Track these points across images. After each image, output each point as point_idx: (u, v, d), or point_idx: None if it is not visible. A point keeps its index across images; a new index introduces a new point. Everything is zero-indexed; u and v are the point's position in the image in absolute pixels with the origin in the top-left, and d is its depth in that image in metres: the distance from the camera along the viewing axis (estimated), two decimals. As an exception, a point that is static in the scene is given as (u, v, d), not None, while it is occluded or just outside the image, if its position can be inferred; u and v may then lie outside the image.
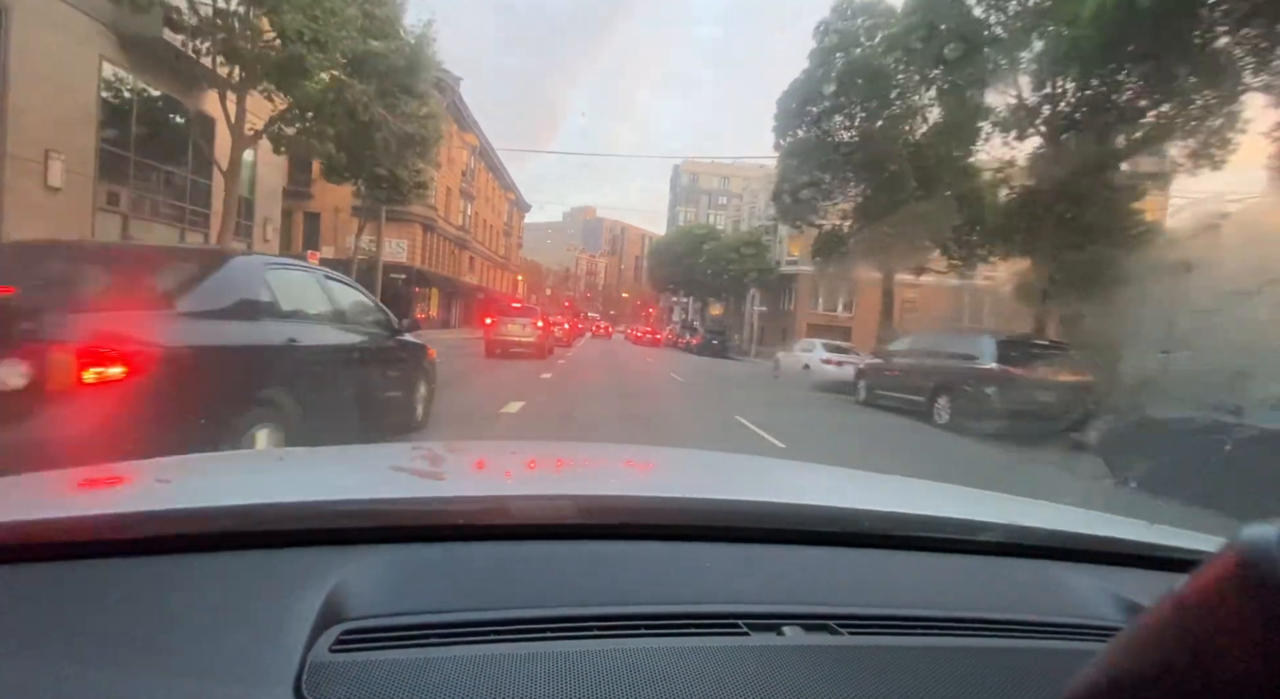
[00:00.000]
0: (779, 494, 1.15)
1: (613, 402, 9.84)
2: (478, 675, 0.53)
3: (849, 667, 0.61)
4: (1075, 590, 0.83)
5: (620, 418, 7.95)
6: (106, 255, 3.83)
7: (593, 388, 12.06)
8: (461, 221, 41.30)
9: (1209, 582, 0.29)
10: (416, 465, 1.15)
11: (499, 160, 49.37)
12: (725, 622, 0.65)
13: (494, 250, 52.64)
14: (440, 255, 38.13)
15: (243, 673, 0.52)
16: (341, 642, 0.56)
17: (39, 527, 0.67)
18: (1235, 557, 0.28)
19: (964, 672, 0.62)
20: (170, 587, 0.63)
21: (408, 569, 0.70)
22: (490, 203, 49.73)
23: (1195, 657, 0.29)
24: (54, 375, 2.27)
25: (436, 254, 37.25)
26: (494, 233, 52.69)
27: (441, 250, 38.31)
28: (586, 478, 1.31)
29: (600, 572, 0.75)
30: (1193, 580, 0.30)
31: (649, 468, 1.52)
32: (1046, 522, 1.04)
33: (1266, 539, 0.28)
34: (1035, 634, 0.71)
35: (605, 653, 0.58)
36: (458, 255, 42.30)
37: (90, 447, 2.14)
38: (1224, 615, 0.28)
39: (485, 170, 46.56)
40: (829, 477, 1.59)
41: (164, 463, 1.15)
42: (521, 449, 1.67)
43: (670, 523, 0.85)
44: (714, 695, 0.55)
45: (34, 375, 2.24)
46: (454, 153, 37.66)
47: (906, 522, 0.93)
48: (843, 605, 0.71)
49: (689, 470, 1.52)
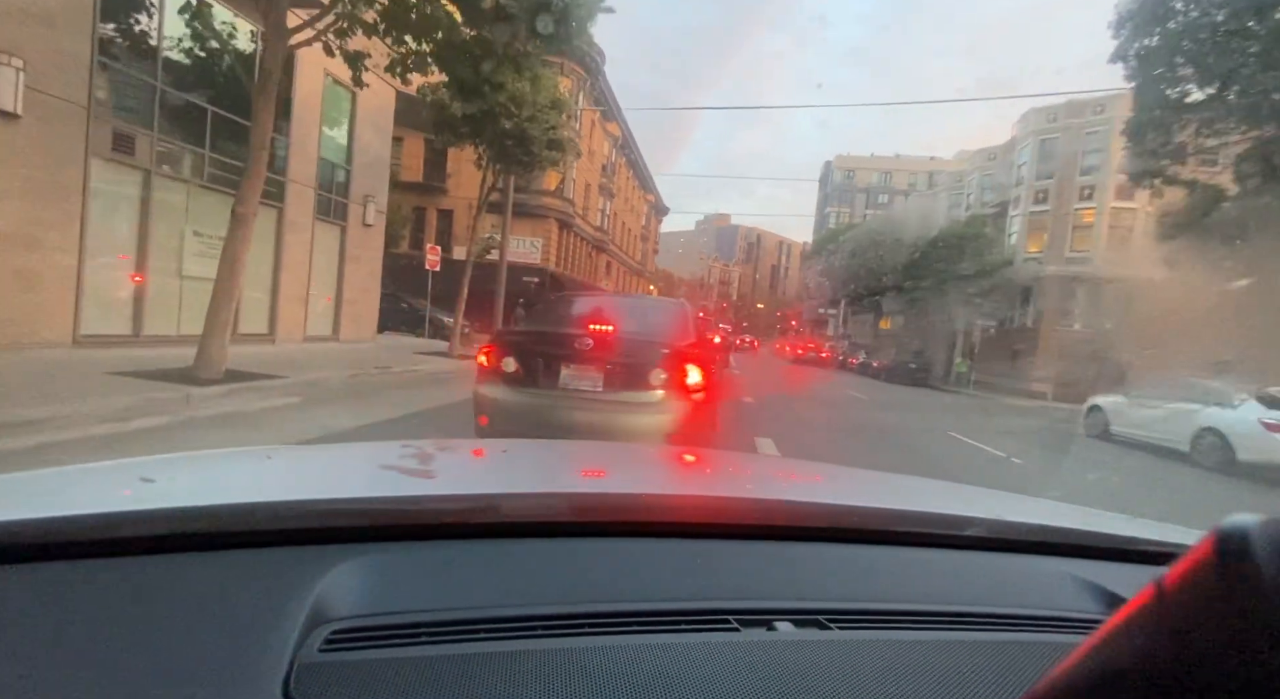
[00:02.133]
0: (769, 491, 1.20)
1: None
2: (469, 674, 0.53)
3: (839, 661, 0.61)
4: (1058, 584, 0.84)
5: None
6: (624, 303, 5.62)
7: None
8: (600, 221, 37.25)
9: (1188, 572, 0.30)
10: (406, 464, 1.12)
11: (641, 156, 45.06)
12: (716, 618, 0.66)
13: (630, 255, 48.44)
14: (577, 258, 34.20)
15: (231, 674, 0.51)
16: (330, 641, 0.56)
17: (19, 527, 0.65)
18: (1214, 547, 0.29)
19: (951, 664, 0.62)
20: (156, 587, 0.61)
21: (397, 568, 0.69)
22: (629, 203, 45.60)
23: (1175, 646, 0.29)
24: (681, 390, 3.70)
25: (573, 256, 33.32)
26: (631, 237, 48.56)
27: (578, 252, 34.37)
28: (577, 476, 1.28)
29: (591, 569, 0.74)
30: (1172, 572, 0.31)
31: (640, 466, 1.49)
32: (1030, 516, 1.06)
33: (1244, 529, 0.28)
34: (1020, 627, 0.72)
35: (596, 650, 0.58)
36: (594, 258, 38.36)
37: (696, 437, 3.64)
38: (1203, 606, 0.29)
39: (625, 167, 42.44)
40: (818, 473, 1.66)
41: (149, 462, 1.14)
42: (513, 447, 1.67)
43: (660, 520, 0.85)
44: (705, 691, 0.54)
45: (669, 390, 3.70)
46: (595, 143, 33.72)
47: (893, 517, 0.95)
48: (832, 600, 0.72)
49: (679, 468, 1.52)
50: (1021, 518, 1.02)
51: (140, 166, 8.63)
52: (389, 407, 7.03)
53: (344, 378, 8.51)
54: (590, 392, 3.71)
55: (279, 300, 11.55)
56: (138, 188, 8.70)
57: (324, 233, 12.77)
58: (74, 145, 7.71)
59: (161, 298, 9.08)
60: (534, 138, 12.51)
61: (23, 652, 0.51)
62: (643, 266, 55.14)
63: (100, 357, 7.60)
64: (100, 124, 8.00)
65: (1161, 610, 0.30)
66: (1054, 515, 1.10)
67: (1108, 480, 7.60)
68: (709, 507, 0.92)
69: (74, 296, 7.91)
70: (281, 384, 7.33)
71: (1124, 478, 7.99)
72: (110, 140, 8.16)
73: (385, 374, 9.49)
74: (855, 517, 0.92)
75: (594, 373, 3.73)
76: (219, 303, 7.01)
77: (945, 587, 0.81)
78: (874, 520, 0.92)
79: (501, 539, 0.77)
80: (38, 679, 0.49)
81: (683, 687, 0.54)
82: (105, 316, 8.42)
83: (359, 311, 14.17)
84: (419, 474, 1.10)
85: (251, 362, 8.57)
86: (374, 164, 14.27)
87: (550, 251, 29.60)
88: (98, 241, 8.18)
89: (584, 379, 3.74)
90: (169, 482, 0.95)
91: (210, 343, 6.96)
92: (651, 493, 1.00)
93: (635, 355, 3.77)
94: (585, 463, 1.43)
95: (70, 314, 7.90)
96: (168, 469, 1.06)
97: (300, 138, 11.69)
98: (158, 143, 8.83)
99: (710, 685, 0.55)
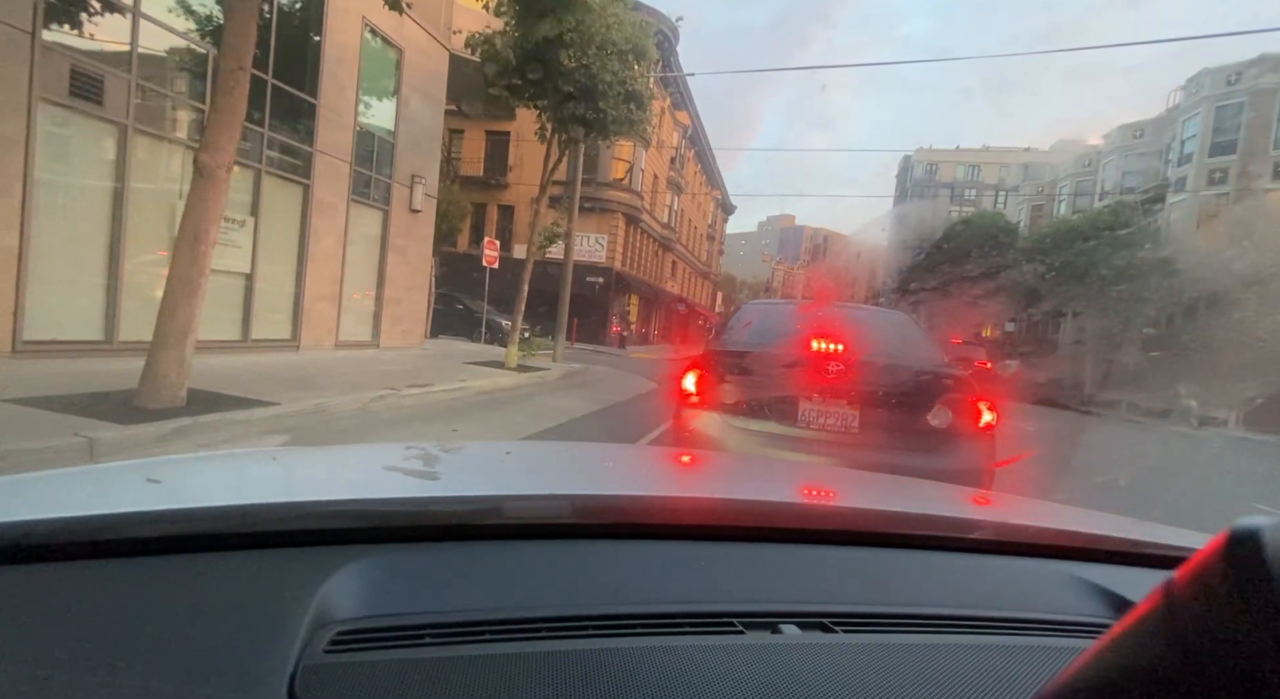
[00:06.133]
0: (772, 493, 1.15)
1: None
2: (473, 676, 0.53)
3: (844, 664, 0.61)
4: (1065, 587, 0.84)
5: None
6: (849, 316, 4.08)
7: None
8: (667, 217, 34.66)
9: (1198, 575, 0.29)
10: (411, 465, 1.09)
11: (709, 149, 42.23)
12: (721, 620, 0.66)
13: (696, 255, 45.64)
14: (643, 257, 31.72)
15: (236, 675, 0.51)
16: (335, 642, 0.56)
17: (26, 528, 0.64)
18: (1224, 550, 0.28)
19: (957, 668, 0.62)
20: (161, 588, 0.61)
21: (402, 569, 0.69)
22: (696, 200, 42.79)
23: (1185, 649, 0.29)
24: (968, 420, 2.99)
25: (639, 255, 30.85)
26: (698, 235, 45.77)
27: (644, 250, 31.88)
28: (581, 478, 1.24)
29: (596, 571, 0.74)
30: (1181, 575, 0.30)
31: (644, 468, 1.49)
32: (1036, 519, 1.08)
33: (1256, 532, 0.27)
34: (1027, 631, 0.71)
35: (601, 652, 0.58)
36: (661, 258, 35.79)
37: (978, 477, 2.83)
38: (1213, 609, 0.28)
39: (694, 159, 39.70)
40: (822, 475, 1.67)
41: (155, 462, 1.12)
42: (517, 449, 1.62)
43: (665, 522, 0.85)
44: (709, 694, 0.54)
45: (953, 419, 2.97)
46: (664, 133, 31.18)
47: (899, 520, 0.94)
48: (838, 603, 0.72)
49: (683, 470, 1.51)
50: (1027, 521, 1.05)
51: (110, 118, 6.58)
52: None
53: (363, 403, 6.19)
54: (842, 433, 3.01)
55: (304, 298, 9.46)
56: (111, 147, 6.67)
57: (361, 217, 10.66)
58: (12, 87, 5.69)
59: (143, 291, 7.01)
60: (605, 86, 9.78)
61: (32, 652, 0.51)
62: (708, 268, 52.25)
63: (42, 370, 5.53)
64: (51, 57, 5.97)
65: (1170, 614, 0.30)
66: (1060, 518, 1.10)
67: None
68: (713, 509, 0.91)
69: (14, 289, 5.90)
70: (264, 417, 5.02)
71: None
72: (68, 81, 6.12)
73: (423, 395, 7.15)
74: (860, 519, 0.93)
75: (846, 408, 3.03)
76: (175, 298, 4.77)
77: (951, 590, 0.81)
78: (879, 523, 0.92)
79: (506, 541, 0.77)
80: (44, 679, 0.48)
81: (686, 689, 0.54)
82: (59, 317, 6.39)
83: (403, 312, 12.03)
84: (423, 476, 1.06)
85: (250, 376, 6.36)
86: (424, 139, 12.12)
87: (616, 249, 27.22)
88: (50, 216, 6.17)
89: (830, 416, 3.04)
90: (175, 482, 0.94)
91: (161, 357, 4.72)
92: (656, 495, 1.02)
93: (905, 387, 3.07)
94: (589, 464, 1.41)
95: (9, 313, 5.89)
96: (173, 470, 1.05)
97: (333, 100, 9.59)
98: (135, 89, 6.77)
99: (714, 688, 0.55)
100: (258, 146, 8.39)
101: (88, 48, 6.32)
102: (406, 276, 12.03)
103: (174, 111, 7.38)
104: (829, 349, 3.11)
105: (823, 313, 3.79)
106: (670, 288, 38.43)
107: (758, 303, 4.76)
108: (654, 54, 10.92)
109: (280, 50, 8.59)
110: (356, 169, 10.32)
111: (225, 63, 4.79)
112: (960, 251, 29.09)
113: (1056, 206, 34.45)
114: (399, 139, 11.37)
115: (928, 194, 66.67)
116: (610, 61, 9.66)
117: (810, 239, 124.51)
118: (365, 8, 9.82)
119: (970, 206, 56.26)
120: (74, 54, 6.16)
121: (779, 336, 3.57)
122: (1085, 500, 6.19)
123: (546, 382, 10.60)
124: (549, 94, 9.81)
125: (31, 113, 5.82)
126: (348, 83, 9.92)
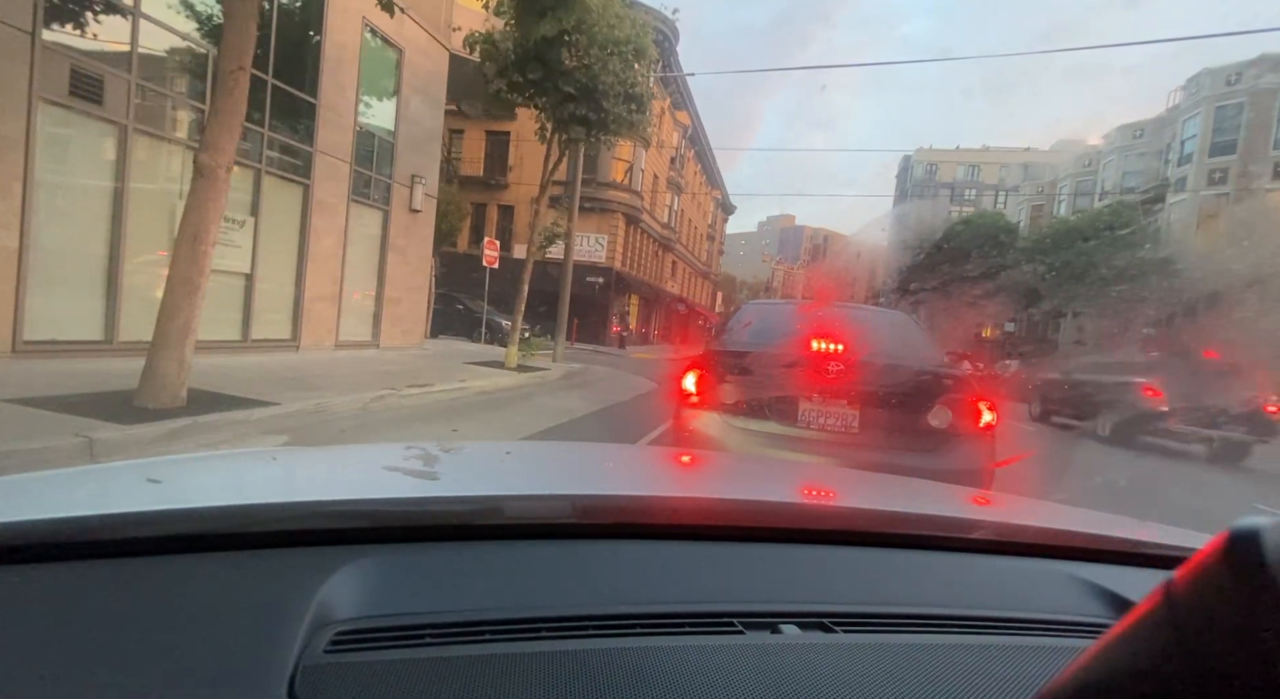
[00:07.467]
0: (773, 493, 1.14)
1: None
2: (472, 676, 0.53)
3: (845, 664, 0.61)
4: (1065, 587, 0.84)
5: None
6: (849, 316, 4.05)
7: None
8: (667, 218, 34.63)
9: (1198, 575, 0.29)
10: (411, 465, 1.08)
11: (709, 149, 42.21)
12: (720, 620, 0.65)
13: (696, 255, 45.61)
14: (642, 257, 31.70)
15: (235, 675, 0.51)
16: (335, 643, 0.55)
17: (27, 528, 0.64)
18: (1224, 550, 0.28)
19: (957, 668, 0.62)
20: (162, 588, 0.61)
21: (402, 570, 0.69)
22: (696, 200, 42.77)
23: (1186, 649, 0.29)
24: (968, 420, 2.97)
25: (639, 255, 30.83)
26: (698, 235, 45.74)
27: (644, 250, 31.86)
28: (582, 478, 1.24)
29: (595, 571, 0.74)
30: (1181, 575, 0.30)
31: (644, 468, 1.49)
32: (1036, 519, 1.07)
33: (1256, 531, 0.28)
34: (1027, 631, 0.71)
35: (600, 652, 0.57)
36: (661, 258, 35.76)
37: (978, 477, 2.81)
38: (1213, 608, 0.28)
39: (694, 160, 39.68)
40: (823, 475, 1.66)
41: (156, 463, 1.11)
42: (517, 450, 1.61)
43: (665, 522, 0.84)
44: (709, 694, 0.54)
45: (953, 419, 2.95)
46: (664, 133, 31.16)
47: (899, 519, 0.94)
48: (838, 603, 0.71)
49: (683, 470, 1.51)
50: (1027, 521, 1.04)
51: (112, 119, 6.59)
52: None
53: (363, 403, 6.19)
54: (842, 433, 3.03)
55: (304, 298, 9.46)
56: (111, 147, 6.67)
57: (361, 217, 10.66)
58: (14, 86, 5.69)
59: (144, 292, 7.01)
60: (605, 87, 9.79)
61: (33, 653, 0.51)
62: (708, 268, 52.21)
63: (42, 370, 5.53)
64: (52, 56, 5.97)
65: (1170, 614, 0.30)
66: (1060, 518, 1.10)
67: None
68: (713, 509, 0.90)
69: (14, 289, 5.90)
70: (264, 417, 5.03)
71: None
72: (68, 80, 6.12)
73: (423, 394, 7.16)
74: (861, 519, 0.93)
75: (846, 408, 3.04)
76: (175, 298, 4.77)
77: (951, 590, 0.81)
78: (879, 523, 0.92)
79: (506, 541, 0.77)
80: (43, 679, 0.48)
81: (686, 689, 0.54)
82: (59, 317, 6.39)
83: (403, 312, 12.03)
84: (423, 475, 1.05)
85: (250, 376, 6.37)
86: (424, 139, 12.12)
87: (616, 249, 27.21)
88: (50, 216, 6.17)
89: (830, 416, 3.05)
90: (175, 483, 0.93)
91: (161, 357, 4.72)
92: (656, 495, 1.02)
93: (905, 387, 3.07)
94: (589, 464, 1.41)
95: (9, 312, 5.89)
96: (173, 470, 1.05)
97: (333, 100, 9.59)
98: (135, 88, 6.77)
99: (714, 688, 0.54)
100: (258, 146, 8.39)
101: (88, 48, 6.32)
102: (406, 277, 12.03)
103: (174, 112, 7.39)
104: (829, 349, 3.11)
105: (823, 313, 3.80)
106: (670, 288, 38.40)
107: (758, 303, 4.76)
108: (654, 53, 10.90)
109: (280, 50, 8.58)
110: (356, 169, 10.32)
111: (225, 63, 4.79)
112: (960, 252, 29.07)
113: (1056, 206, 34.43)
114: (399, 139, 11.37)
115: (928, 194, 66.53)
116: (610, 61, 9.65)
117: (810, 239, 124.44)
118: (365, 8, 9.80)
119: (970, 207, 56.17)
120: (74, 54, 6.17)
121: (779, 337, 3.58)
122: (1085, 500, 6.21)
123: (546, 382, 10.60)
124: (549, 93, 9.81)
125: (31, 113, 5.82)
126: (348, 83, 9.92)
